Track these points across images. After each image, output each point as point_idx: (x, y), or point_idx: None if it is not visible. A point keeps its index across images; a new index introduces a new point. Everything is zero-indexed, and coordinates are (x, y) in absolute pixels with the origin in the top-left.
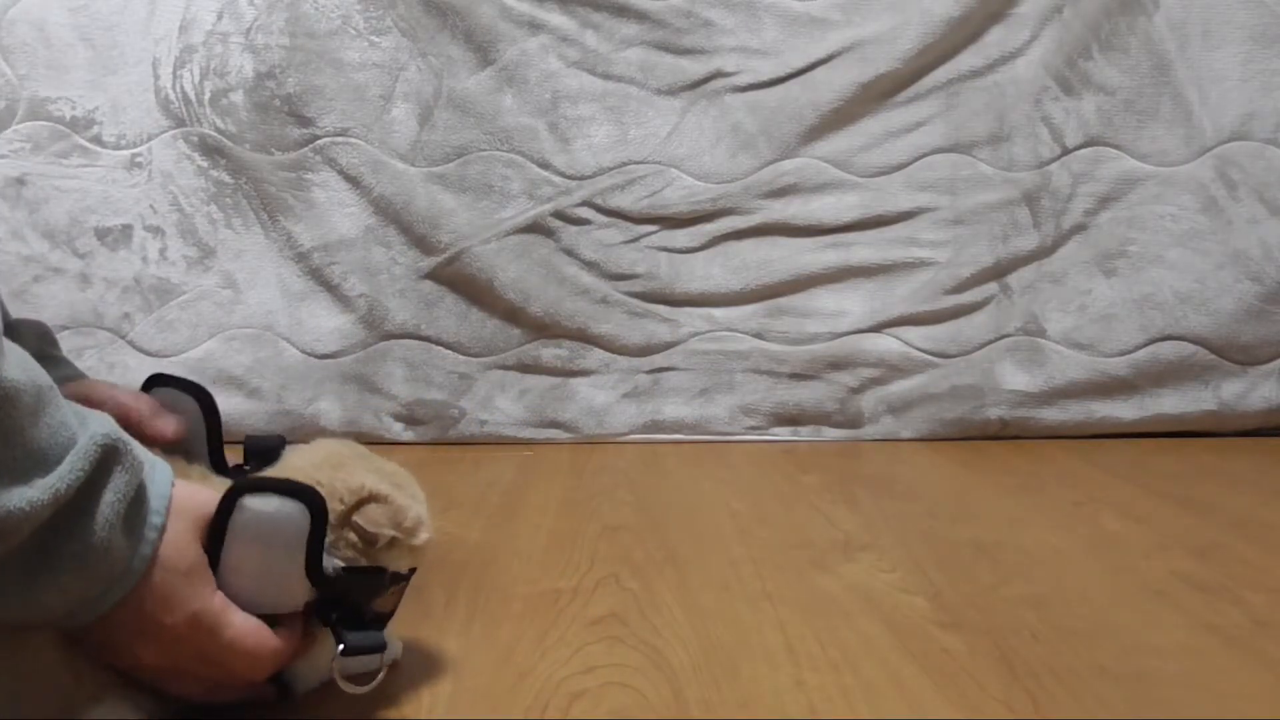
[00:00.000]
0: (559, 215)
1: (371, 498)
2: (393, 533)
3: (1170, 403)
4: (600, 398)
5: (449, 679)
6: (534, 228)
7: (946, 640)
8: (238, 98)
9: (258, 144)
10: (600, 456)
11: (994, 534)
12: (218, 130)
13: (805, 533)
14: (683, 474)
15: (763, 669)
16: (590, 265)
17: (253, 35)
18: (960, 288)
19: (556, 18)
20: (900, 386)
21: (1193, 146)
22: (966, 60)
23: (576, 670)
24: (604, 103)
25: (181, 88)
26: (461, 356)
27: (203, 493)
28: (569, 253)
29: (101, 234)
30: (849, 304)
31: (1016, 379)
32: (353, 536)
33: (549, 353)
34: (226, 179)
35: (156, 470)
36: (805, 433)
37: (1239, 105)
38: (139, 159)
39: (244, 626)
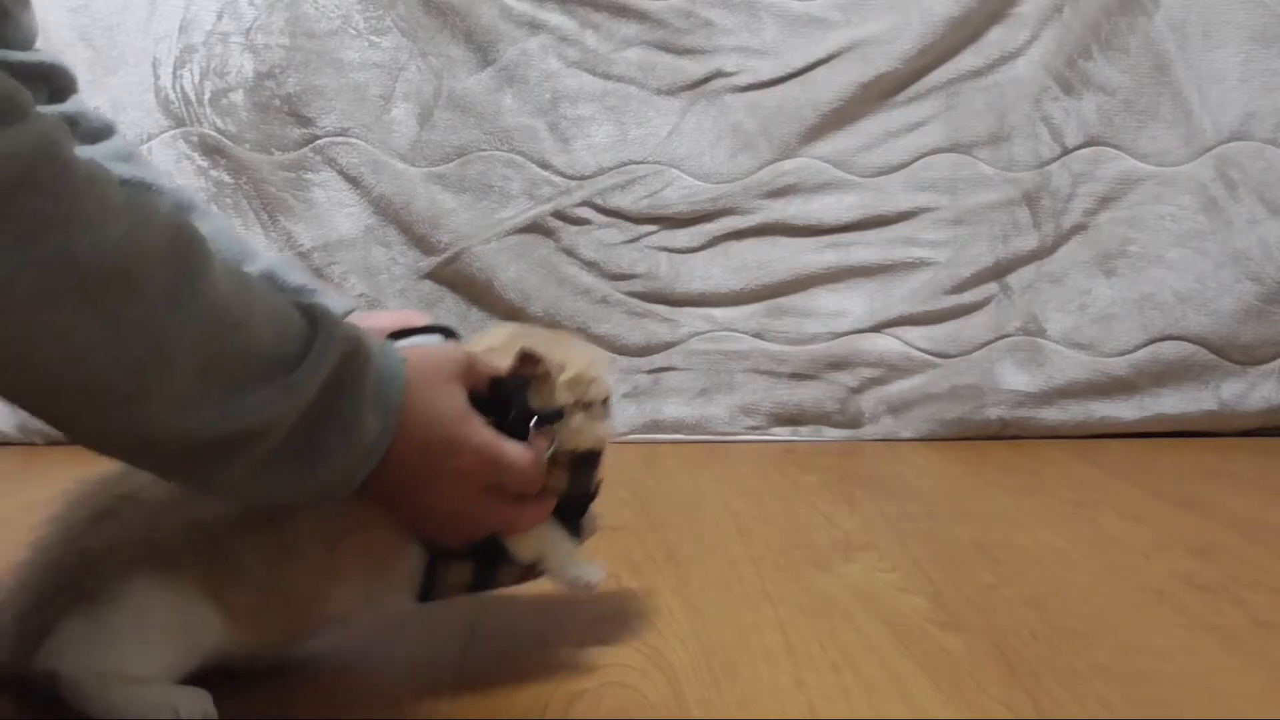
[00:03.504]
0: (559, 215)
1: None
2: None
3: (1170, 403)
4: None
5: (449, 679)
6: (534, 228)
7: (946, 640)
8: (238, 98)
9: (258, 144)
10: None
11: (994, 534)
12: (218, 130)
13: (805, 533)
14: (683, 474)
15: (763, 669)
16: (590, 265)
17: (253, 35)
18: (960, 288)
19: (556, 18)
20: (900, 386)
21: (1193, 146)
22: (966, 60)
23: (576, 670)
24: (604, 103)
25: (181, 88)
26: None
27: (440, 350)
28: (569, 253)
29: None
30: (849, 304)
31: (1016, 379)
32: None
33: None
34: (226, 179)
35: (385, 350)
36: (805, 433)
37: (1239, 105)
38: None
39: (516, 447)
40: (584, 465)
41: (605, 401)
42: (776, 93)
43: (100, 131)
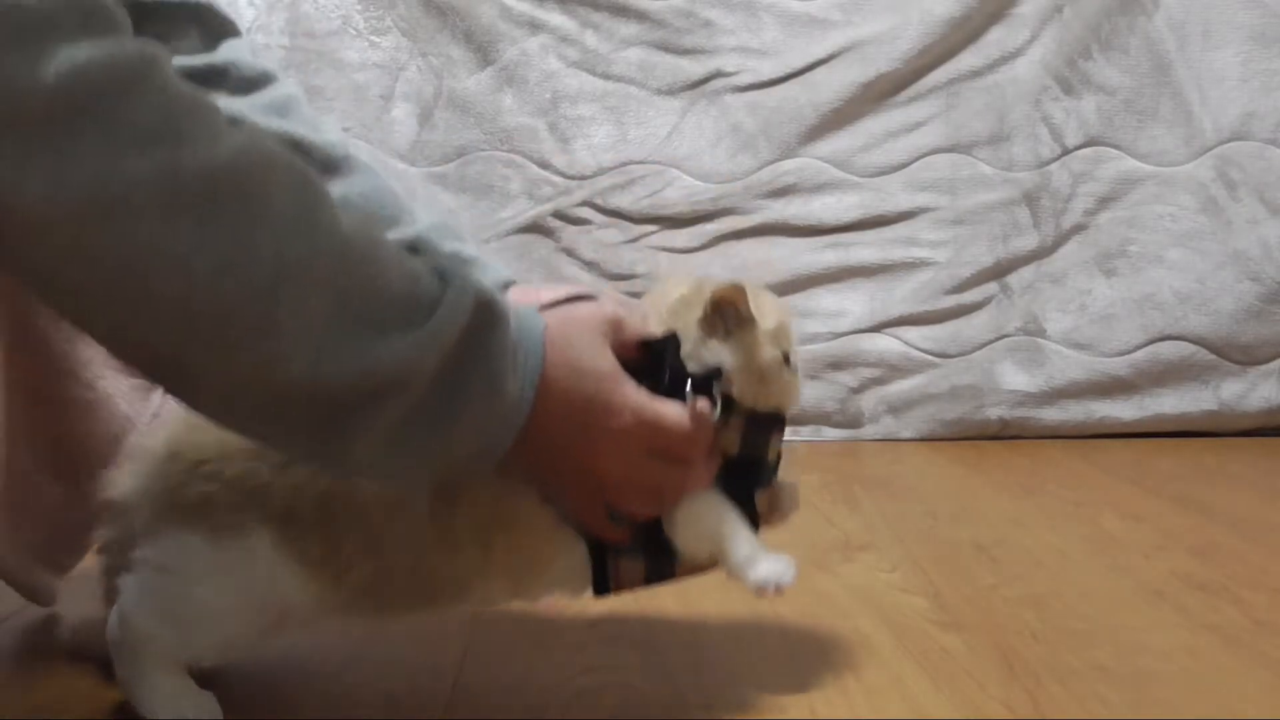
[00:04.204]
0: (559, 215)
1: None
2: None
3: (1170, 403)
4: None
5: (449, 679)
6: (534, 228)
7: (946, 640)
8: None
9: None
10: None
11: (994, 534)
12: None
13: (805, 533)
14: None
15: (763, 669)
16: (590, 265)
17: (253, 35)
18: (960, 288)
19: (556, 18)
20: (900, 386)
21: (1193, 146)
22: (966, 60)
23: (576, 670)
24: (604, 103)
25: None
26: None
27: (584, 308)
28: (569, 253)
29: None
30: (849, 304)
31: (1016, 379)
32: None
33: None
34: None
35: (524, 311)
36: (805, 433)
37: (1239, 105)
38: None
39: (676, 408)
40: (761, 427)
41: (790, 358)
42: (776, 93)
43: (254, 81)
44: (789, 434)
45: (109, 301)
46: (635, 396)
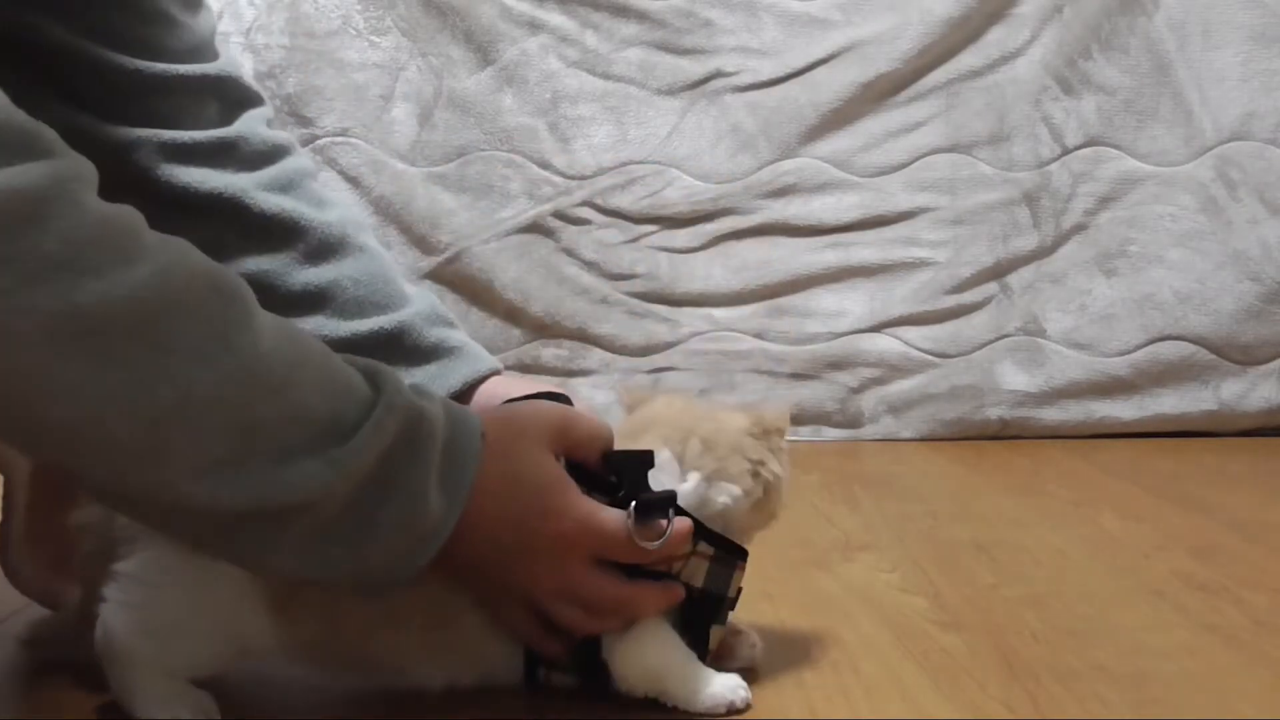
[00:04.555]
0: (559, 215)
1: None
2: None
3: (1170, 403)
4: (600, 397)
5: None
6: (534, 228)
7: (946, 640)
8: None
9: None
10: None
11: (994, 534)
12: None
13: (805, 533)
14: None
15: (763, 669)
16: (590, 265)
17: (253, 35)
18: (960, 288)
19: (556, 18)
20: (900, 386)
21: (1193, 146)
22: (966, 60)
23: None
24: (604, 103)
25: None
26: None
27: (528, 409)
28: (569, 253)
29: None
30: (849, 304)
31: (1016, 379)
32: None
33: (549, 353)
34: None
35: (461, 419)
36: (805, 433)
37: (1239, 105)
38: None
39: (619, 515)
40: (727, 561)
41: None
42: (776, 93)
43: (264, 155)
44: (789, 433)
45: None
46: (579, 503)
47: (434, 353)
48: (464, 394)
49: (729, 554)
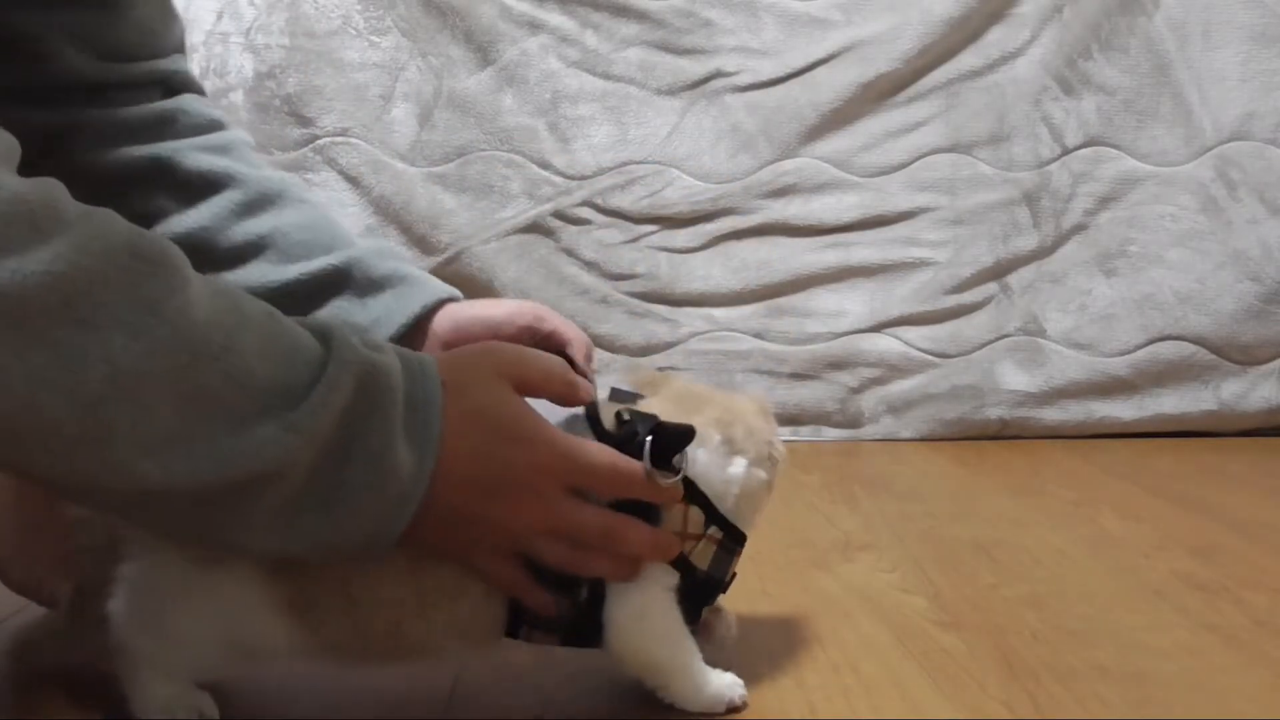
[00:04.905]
0: (559, 215)
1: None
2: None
3: (1170, 403)
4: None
5: (448, 680)
6: (534, 228)
7: (946, 640)
8: (238, 98)
9: (258, 144)
10: None
11: (994, 534)
12: None
13: (805, 533)
14: None
15: (763, 668)
16: (590, 265)
17: (253, 35)
18: (960, 288)
19: (556, 18)
20: (900, 386)
21: (1193, 146)
22: (966, 60)
23: (577, 670)
24: (604, 103)
25: None
26: None
27: (476, 348)
28: (569, 253)
29: None
30: (849, 304)
31: (1016, 379)
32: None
33: None
34: None
35: (419, 367)
36: (805, 433)
37: (1239, 105)
38: None
39: (598, 447)
40: (732, 547)
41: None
42: (776, 93)
43: (201, 127)
44: (789, 433)
45: None
46: (548, 430)
47: (387, 281)
48: (423, 319)
49: (733, 539)
